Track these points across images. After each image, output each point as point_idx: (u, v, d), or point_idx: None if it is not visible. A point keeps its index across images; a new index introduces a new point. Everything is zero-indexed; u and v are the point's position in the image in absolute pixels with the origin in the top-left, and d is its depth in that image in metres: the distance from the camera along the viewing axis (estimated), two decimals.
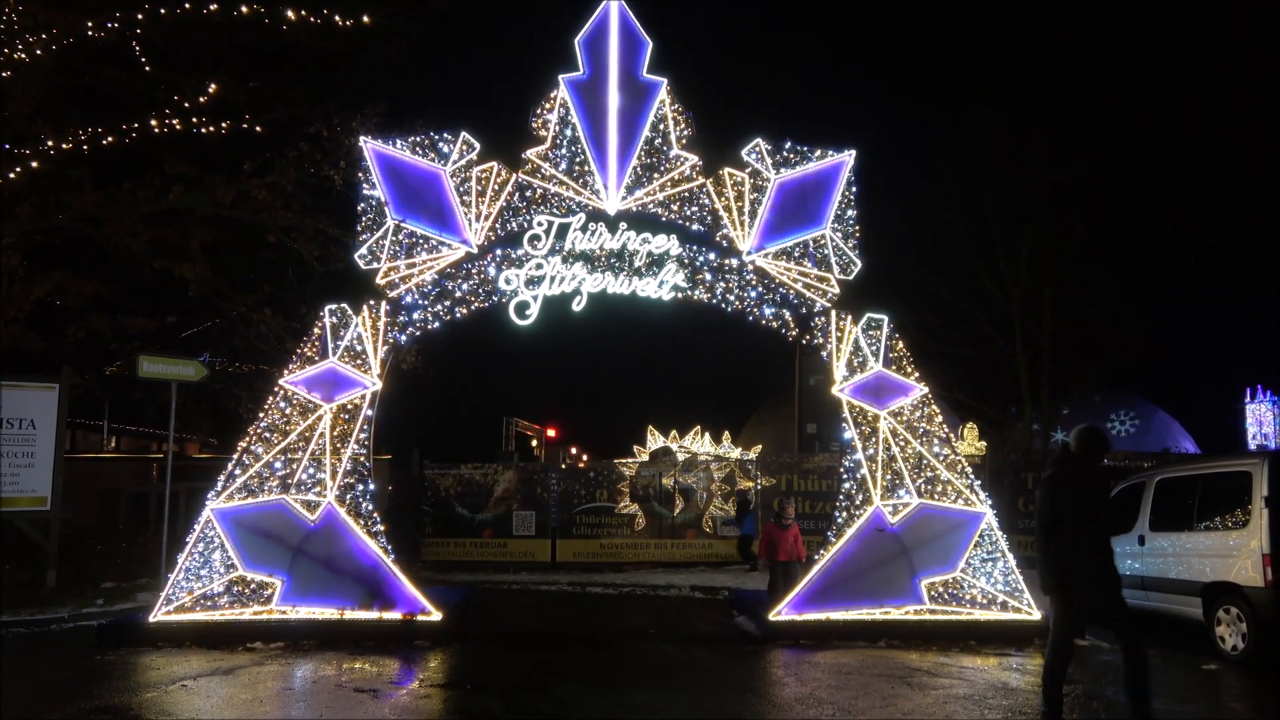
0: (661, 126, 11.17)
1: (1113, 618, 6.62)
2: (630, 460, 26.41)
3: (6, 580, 13.54)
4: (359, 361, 10.54)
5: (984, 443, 26.52)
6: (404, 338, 10.89)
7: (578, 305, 10.96)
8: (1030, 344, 22.65)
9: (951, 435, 11.32)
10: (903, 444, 10.67)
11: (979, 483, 10.82)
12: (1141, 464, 17.99)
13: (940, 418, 11.01)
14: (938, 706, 7.25)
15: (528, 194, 11.05)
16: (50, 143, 14.04)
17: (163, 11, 13.90)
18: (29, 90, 13.43)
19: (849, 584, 10.30)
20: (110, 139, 14.50)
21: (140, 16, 13.84)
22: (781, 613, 10.25)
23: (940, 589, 10.35)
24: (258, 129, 15.37)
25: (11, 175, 13.63)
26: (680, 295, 11.05)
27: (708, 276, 11.06)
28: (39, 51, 13.29)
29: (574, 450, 46.93)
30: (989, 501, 10.69)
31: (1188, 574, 9.90)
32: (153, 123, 14.62)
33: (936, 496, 10.53)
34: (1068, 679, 8.26)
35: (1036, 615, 10.33)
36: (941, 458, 10.68)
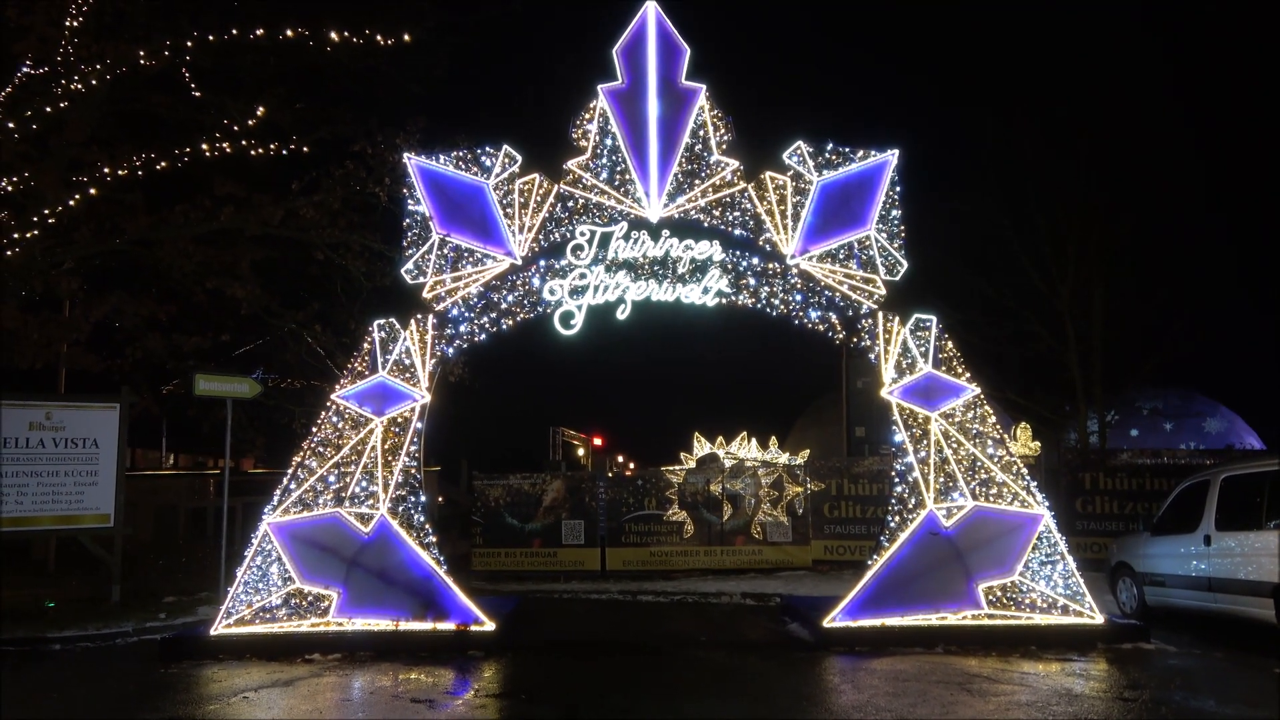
0: (701, 132, 11.15)
1: None
2: (677, 467, 26.37)
3: (73, 595, 13.93)
4: (408, 375, 10.66)
5: (1038, 443, 26.00)
6: (451, 350, 10.98)
7: (622, 314, 10.97)
8: (1081, 341, 22.18)
9: (1005, 436, 11.12)
10: (955, 446, 10.50)
11: (1035, 483, 10.60)
12: (1204, 461, 17.50)
13: (993, 418, 10.82)
14: (1000, 713, 7.10)
15: (570, 204, 11.10)
16: (106, 169, 14.43)
17: (210, 38, 14.24)
18: (84, 119, 13.82)
19: (904, 589, 10.15)
20: (163, 164, 14.87)
21: (189, 43, 14.20)
22: (835, 619, 10.13)
23: (998, 593, 10.16)
24: (304, 149, 15.65)
25: (71, 202, 14.03)
26: (724, 301, 11.00)
27: (751, 281, 11.00)
28: (94, 81, 13.68)
29: (620, 458, 47.03)
30: (1046, 503, 10.47)
31: (1257, 574, 9.59)
32: (203, 146, 14.97)
33: (991, 498, 10.34)
34: (1134, 684, 8.07)
35: (1099, 619, 10.10)
36: (996, 459, 10.49)
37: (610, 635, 11.83)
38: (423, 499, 10.49)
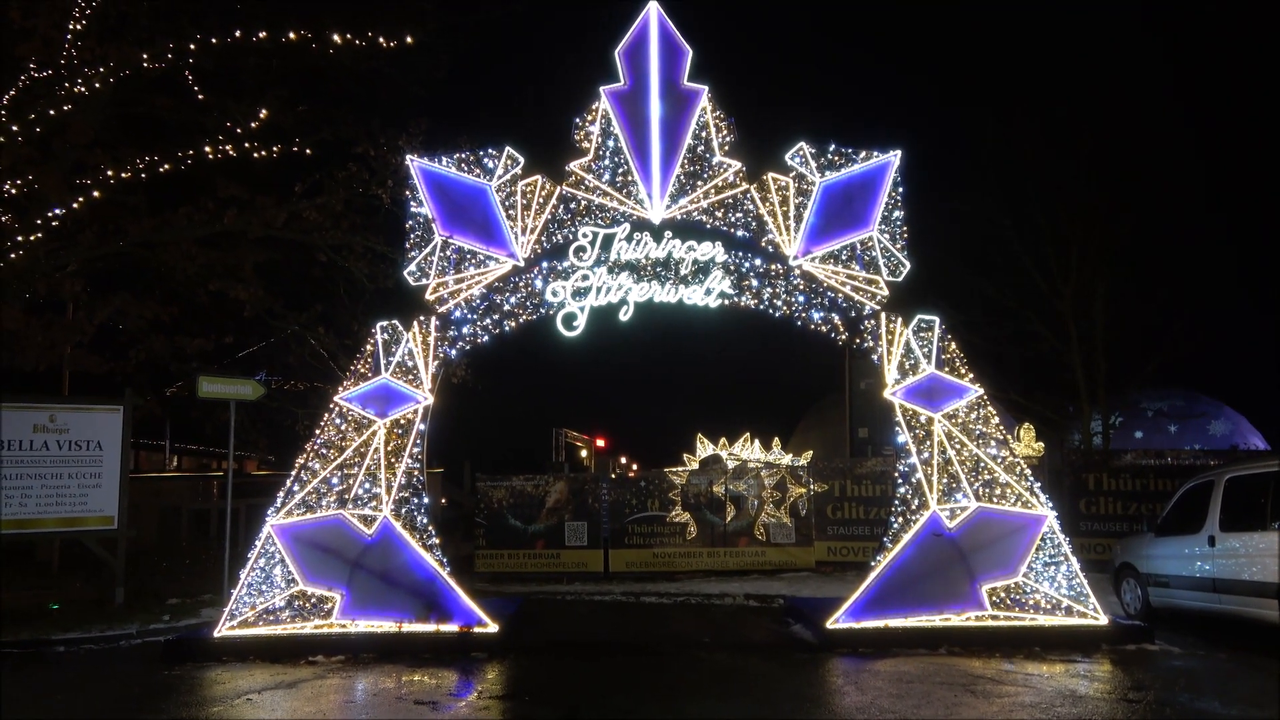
0: (704, 134, 11.15)
1: None
2: (680, 469, 26.34)
3: (77, 597, 13.95)
4: (410, 376, 10.67)
5: (1041, 444, 25.96)
6: (454, 352, 10.99)
7: (624, 315, 10.97)
8: (1084, 342, 22.16)
9: (1008, 437, 11.10)
10: (958, 447, 10.49)
11: (1038, 484, 10.59)
12: (1208, 462, 17.46)
13: (996, 419, 10.80)
14: (1004, 715, 7.09)
15: (572, 206, 11.10)
16: (109, 172, 14.44)
17: (213, 40, 14.25)
18: (88, 122, 13.83)
19: (907, 590, 10.14)
20: (165, 166, 14.88)
21: (191, 46, 14.21)
22: (839, 620, 10.12)
23: (1001, 594, 10.15)
24: (307, 151, 15.66)
25: (74, 205, 14.04)
26: (727, 302, 11.00)
27: (754, 282, 11.00)
28: (97, 84, 13.69)
29: (623, 460, 47.05)
30: (1050, 503, 10.46)
31: (1262, 575, 9.57)
32: (206, 148, 14.97)
33: (995, 499, 10.33)
34: (1139, 685, 8.05)
35: (1103, 620, 10.09)
36: (999, 460, 10.48)
37: (613, 637, 11.83)
38: (426, 501, 10.49)
